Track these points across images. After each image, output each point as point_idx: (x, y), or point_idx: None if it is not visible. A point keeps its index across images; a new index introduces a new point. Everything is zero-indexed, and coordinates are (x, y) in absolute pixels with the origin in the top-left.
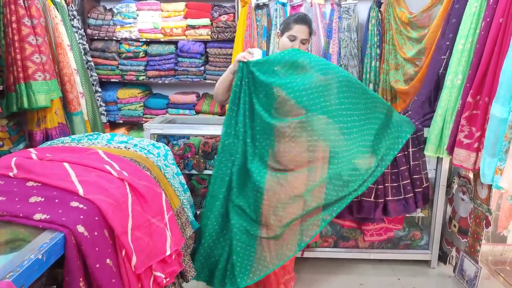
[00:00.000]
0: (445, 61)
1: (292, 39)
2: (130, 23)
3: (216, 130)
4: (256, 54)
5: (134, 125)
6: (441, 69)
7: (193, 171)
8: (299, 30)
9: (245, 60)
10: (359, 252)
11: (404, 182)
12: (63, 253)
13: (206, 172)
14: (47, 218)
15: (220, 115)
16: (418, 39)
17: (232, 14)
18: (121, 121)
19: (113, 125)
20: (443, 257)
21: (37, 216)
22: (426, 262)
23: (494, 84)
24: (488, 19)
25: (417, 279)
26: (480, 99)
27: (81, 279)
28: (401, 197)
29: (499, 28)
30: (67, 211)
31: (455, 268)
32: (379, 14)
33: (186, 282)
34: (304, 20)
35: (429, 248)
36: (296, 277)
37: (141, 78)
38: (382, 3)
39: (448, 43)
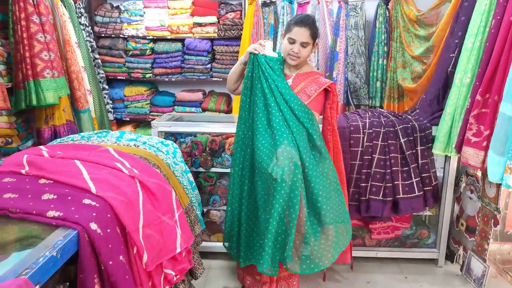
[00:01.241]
0: (453, 59)
1: (291, 41)
2: (137, 21)
3: (223, 128)
4: (267, 47)
5: (141, 123)
6: (450, 67)
7: (200, 169)
8: (297, 33)
9: (256, 52)
10: (366, 250)
11: (416, 179)
12: (76, 250)
13: (213, 169)
14: (60, 215)
15: (226, 113)
16: (426, 37)
17: (239, 12)
18: (127, 119)
19: (120, 123)
20: (450, 256)
21: (50, 214)
22: (433, 261)
23: (503, 83)
24: (498, 17)
25: (424, 278)
26: (489, 97)
27: (95, 275)
28: (413, 194)
29: (509, 26)
30: (79, 208)
31: (462, 266)
32: (387, 12)
33: (195, 279)
34: (303, 22)
35: (437, 246)
36: (301, 276)
37: (147, 75)
38: (390, 0)
39: (457, 41)
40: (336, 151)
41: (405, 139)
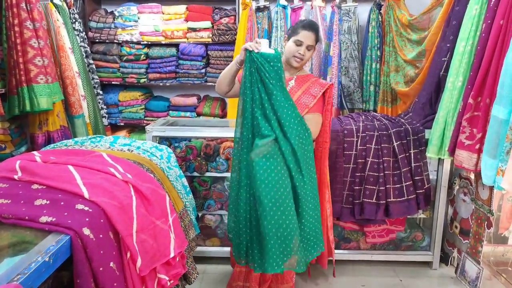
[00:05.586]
0: (445, 63)
1: (298, 44)
2: (131, 26)
3: (218, 132)
4: (263, 44)
5: (135, 128)
6: (442, 71)
7: (195, 173)
8: (305, 36)
9: (250, 49)
10: (360, 253)
11: (407, 183)
12: (68, 255)
13: (208, 174)
14: (53, 221)
15: (221, 117)
16: (418, 41)
17: (233, 17)
18: (122, 124)
19: (114, 128)
20: (444, 258)
21: (43, 219)
22: (428, 263)
23: (495, 86)
24: (488, 21)
25: (419, 280)
26: (481, 100)
27: (91, 280)
28: (403, 198)
29: (499, 30)
30: (72, 213)
31: (456, 269)
32: (379, 16)
33: (189, 284)
34: (311, 27)
35: (431, 249)
36: (297, 280)
37: (142, 80)
38: (382, 5)
39: (448, 45)
40: (324, 155)
41: (398, 142)
